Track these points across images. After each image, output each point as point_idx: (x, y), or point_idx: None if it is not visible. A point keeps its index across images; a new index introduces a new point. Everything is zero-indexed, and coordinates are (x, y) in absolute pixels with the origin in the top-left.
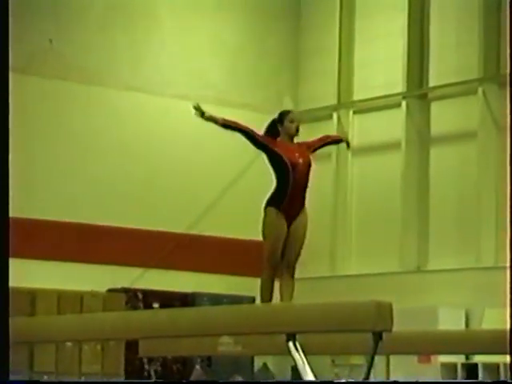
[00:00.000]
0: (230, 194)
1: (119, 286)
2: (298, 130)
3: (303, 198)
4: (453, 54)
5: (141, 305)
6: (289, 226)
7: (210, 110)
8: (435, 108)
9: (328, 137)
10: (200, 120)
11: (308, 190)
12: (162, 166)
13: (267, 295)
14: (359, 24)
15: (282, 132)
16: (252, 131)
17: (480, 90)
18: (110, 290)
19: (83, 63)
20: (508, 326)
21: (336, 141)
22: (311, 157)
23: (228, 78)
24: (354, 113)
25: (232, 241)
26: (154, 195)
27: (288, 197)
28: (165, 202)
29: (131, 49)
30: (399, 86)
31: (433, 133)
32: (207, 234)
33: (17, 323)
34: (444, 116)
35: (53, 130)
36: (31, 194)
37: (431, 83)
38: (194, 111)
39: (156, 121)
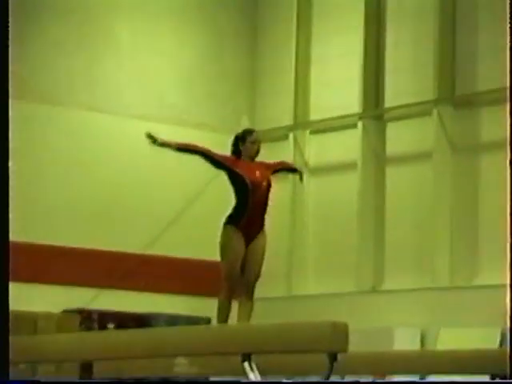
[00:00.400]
0: (186, 214)
1: (74, 306)
2: (258, 152)
3: (262, 218)
4: (408, 75)
5: (96, 326)
6: (247, 246)
7: (168, 129)
8: (391, 129)
9: (284, 163)
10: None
11: (267, 210)
12: (120, 186)
13: (224, 316)
14: (315, 44)
15: (243, 151)
16: (209, 152)
17: (435, 111)
18: (64, 311)
19: (40, 83)
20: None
21: (291, 169)
22: (271, 178)
23: (185, 98)
24: (311, 133)
25: (188, 261)
26: (111, 215)
27: (246, 216)
28: (121, 222)
29: (88, 68)
30: (355, 107)
31: (389, 153)
32: (163, 254)
33: None
34: (400, 137)
35: (11, 150)
36: None
37: (387, 104)
38: (147, 140)
39: (114, 141)
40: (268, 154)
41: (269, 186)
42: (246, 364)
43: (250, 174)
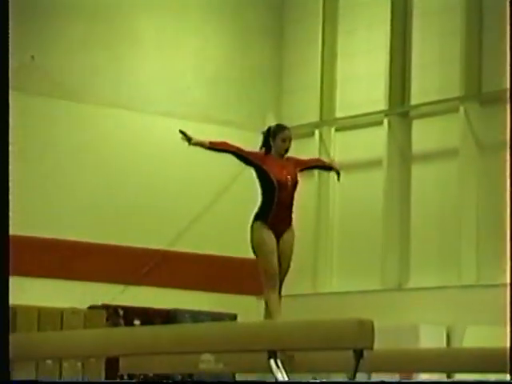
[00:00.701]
0: (211, 210)
1: (100, 302)
2: (287, 150)
3: (290, 215)
4: (435, 72)
5: (122, 322)
6: (277, 243)
7: (193, 127)
8: (417, 126)
9: (319, 161)
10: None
11: (294, 207)
12: (145, 182)
13: (277, 311)
14: (341, 40)
15: (274, 147)
16: (239, 150)
17: (462, 108)
18: (90, 307)
19: (65, 79)
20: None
21: (326, 167)
22: (298, 175)
23: (211, 95)
24: (336, 130)
25: (213, 258)
26: (136, 212)
27: (273, 213)
28: (146, 218)
29: (113, 65)
30: (381, 104)
31: (414, 151)
32: (189, 250)
33: None
34: (426, 134)
35: (34, 147)
36: (11, 210)
37: (413, 101)
38: (180, 136)
39: (138, 138)
40: (293, 151)
41: (295, 183)
42: (272, 361)
43: (277, 172)
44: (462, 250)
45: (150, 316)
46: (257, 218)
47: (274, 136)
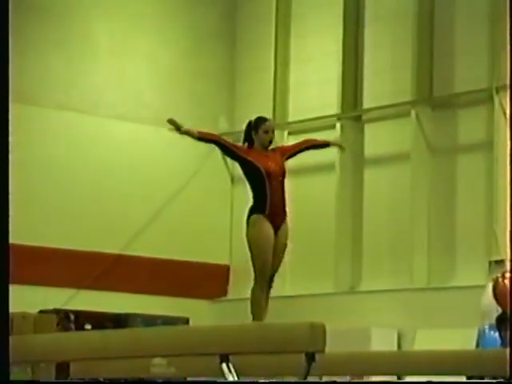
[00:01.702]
0: (163, 215)
1: (51, 307)
2: (271, 142)
3: (284, 207)
4: (386, 77)
5: (72, 326)
6: (274, 236)
7: (146, 130)
8: (369, 130)
9: (308, 141)
10: (136, 140)
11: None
12: (96, 186)
13: (262, 312)
14: (294, 45)
15: (256, 140)
16: (226, 142)
17: (413, 112)
18: (41, 312)
19: (16, 81)
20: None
21: (320, 146)
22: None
23: (164, 99)
24: (289, 134)
25: (166, 262)
26: (88, 215)
27: (269, 203)
28: (98, 222)
29: (65, 67)
30: (334, 108)
31: (367, 154)
32: (141, 254)
33: None
34: (378, 138)
35: None
36: None
37: (365, 105)
38: (168, 126)
39: (90, 141)
40: None
41: (283, 173)
42: (224, 365)
43: (263, 162)
44: (413, 254)
45: (101, 320)
46: (252, 211)
47: (256, 129)
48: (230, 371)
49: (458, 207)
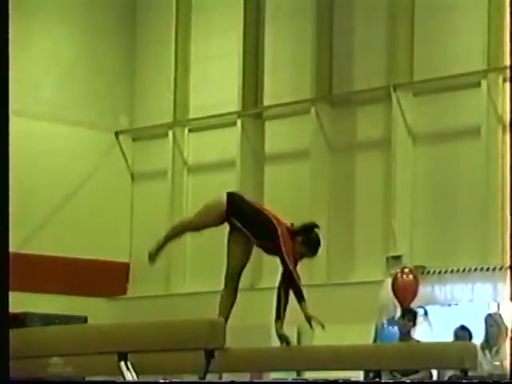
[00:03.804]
0: (60, 213)
1: None
2: None
3: None
4: (287, 75)
5: None
6: None
7: (44, 127)
8: (269, 127)
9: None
10: (36, 136)
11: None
12: None
13: (226, 309)
14: (195, 43)
15: None
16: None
17: (313, 109)
18: None
19: None
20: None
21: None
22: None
23: (62, 94)
24: (190, 131)
25: (63, 260)
26: None
27: None
28: None
29: None
30: (234, 105)
31: (267, 152)
32: (38, 253)
33: None
34: (278, 135)
35: None
36: None
37: (266, 102)
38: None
39: None
40: (147, 152)
41: None
42: (122, 363)
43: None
44: None
45: None
46: None
47: None
48: (129, 369)
49: (357, 204)
